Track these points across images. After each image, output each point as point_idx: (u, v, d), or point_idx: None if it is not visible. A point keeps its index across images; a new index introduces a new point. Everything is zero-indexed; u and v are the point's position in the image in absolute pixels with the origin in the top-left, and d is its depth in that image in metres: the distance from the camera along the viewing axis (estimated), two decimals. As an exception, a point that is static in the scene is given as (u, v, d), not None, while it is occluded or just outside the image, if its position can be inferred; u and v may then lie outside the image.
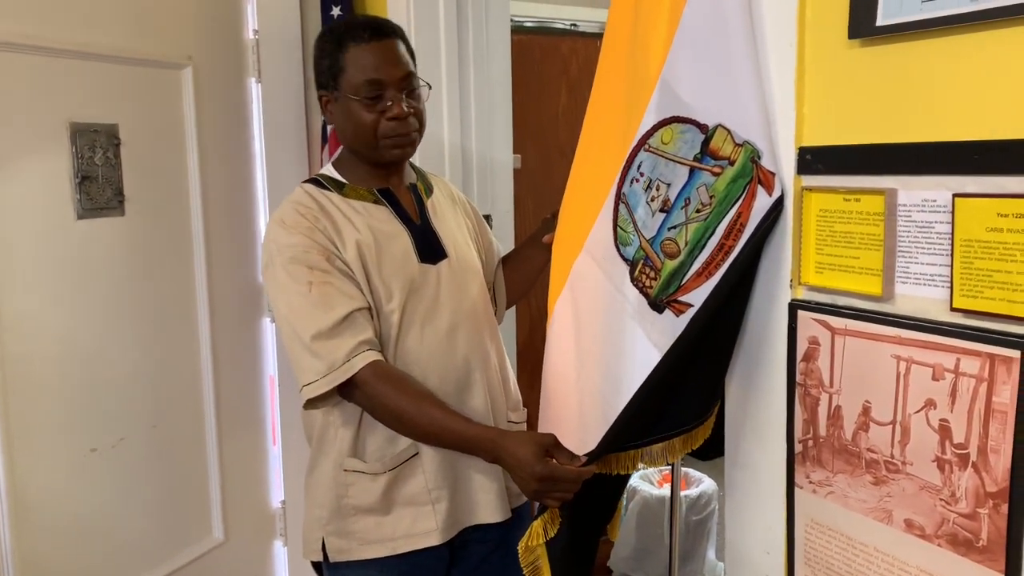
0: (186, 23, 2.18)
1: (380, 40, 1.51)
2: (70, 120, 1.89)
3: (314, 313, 1.41)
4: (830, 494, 1.24)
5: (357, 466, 1.53)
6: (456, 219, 1.69)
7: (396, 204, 1.58)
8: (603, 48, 1.45)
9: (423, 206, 1.62)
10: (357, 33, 1.51)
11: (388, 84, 1.50)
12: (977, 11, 1.00)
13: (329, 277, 1.44)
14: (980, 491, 1.04)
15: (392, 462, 1.52)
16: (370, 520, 1.53)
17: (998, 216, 1.00)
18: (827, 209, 1.21)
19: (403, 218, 1.57)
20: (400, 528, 1.53)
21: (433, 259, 1.56)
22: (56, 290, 1.89)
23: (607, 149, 1.45)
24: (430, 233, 1.59)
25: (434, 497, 1.53)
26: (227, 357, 2.33)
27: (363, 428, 1.52)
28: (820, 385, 1.24)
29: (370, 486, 1.52)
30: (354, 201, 1.55)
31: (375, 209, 1.56)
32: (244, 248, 2.41)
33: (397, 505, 1.53)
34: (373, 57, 1.50)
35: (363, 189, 1.57)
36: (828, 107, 1.20)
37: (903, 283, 1.13)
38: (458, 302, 1.57)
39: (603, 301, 1.46)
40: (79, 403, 1.94)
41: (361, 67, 1.50)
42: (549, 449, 1.36)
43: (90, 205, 1.94)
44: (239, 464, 2.39)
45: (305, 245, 1.46)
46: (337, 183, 1.58)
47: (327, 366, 1.40)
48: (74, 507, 1.94)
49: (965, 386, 1.05)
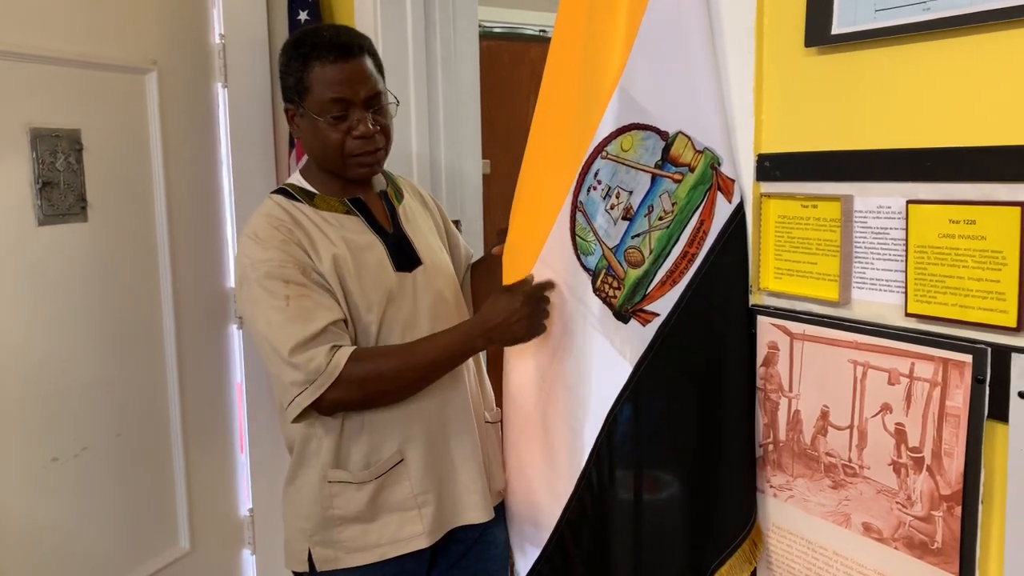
0: (151, 27, 2.16)
1: (346, 60, 1.49)
2: (30, 125, 1.86)
3: (292, 327, 1.39)
4: (790, 498, 1.25)
5: (342, 476, 1.52)
6: (428, 223, 1.69)
7: (368, 214, 1.57)
8: (550, 55, 1.44)
9: (395, 213, 1.62)
10: (322, 52, 1.49)
11: (354, 104, 1.50)
12: (930, 20, 1.01)
13: (306, 291, 1.43)
14: (935, 494, 1.06)
15: (377, 470, 1.52)
16: (356, 528, 1.53)
17: (950, 222, 1.02)
18: (785, 215, 1.22)
19: (376, 228, 1.56)
20: (386, 534, 1.53)
21: (408, 267, 1.56)
22: (17, 297, 1.86)
23: (559, 157, 1.44)
24: (404, 241, 1.59)
25: (420, 502, 1.53)
26: (193, 365, 2.31)
27: (345, 438, 1.51)
28: (780, 390, 1.25)
29: (355, 495, 1.51)
30: (325, 212, 1.54)
31: (347, 220, 1.55)
32: (210, 255, 2.38)
33: (383, 512, 1.53)
34: (338, 77, 1.49)
35: (334, 200, 1.56)
36: (786, 114, 1.21)
37: (859, 288, 1.14)
38: (435, 308, 1.58)
39: (563, 312, 1.46)
40: (40, 412, 1.91)
41: (326, 86, 1.49)
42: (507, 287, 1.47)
43: (52, 211, 1.91)
44: (206, 472, 2.37)
45: (280, 259, 1.44)
46: (307, 193, 1.56)
47: (308, 375, 1.38)
48: (35, 517, 1.91)
49: (919, 390, 1.06)
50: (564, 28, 1.41)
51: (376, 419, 1.51)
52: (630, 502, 1.39)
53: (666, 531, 1.36)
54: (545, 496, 1.51)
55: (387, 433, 1.52)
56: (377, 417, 1.51)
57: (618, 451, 1.40)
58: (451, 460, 1.57)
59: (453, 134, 2.34)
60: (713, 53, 1.26)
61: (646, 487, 1.38)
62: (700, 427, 1.31)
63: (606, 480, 1.42)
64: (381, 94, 1.53)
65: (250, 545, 2.51)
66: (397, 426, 1.52)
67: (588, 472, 1.43)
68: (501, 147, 2.93)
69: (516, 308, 1.42)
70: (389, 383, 1.45)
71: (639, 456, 1.38)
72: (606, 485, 1.42)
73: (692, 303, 1.30)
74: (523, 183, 1.50)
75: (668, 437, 1.35)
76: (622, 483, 1.40)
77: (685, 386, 1.33)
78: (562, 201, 1.43)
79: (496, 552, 1.66)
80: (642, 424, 1.37)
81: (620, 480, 1.40)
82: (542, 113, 1.46)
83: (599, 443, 1.41)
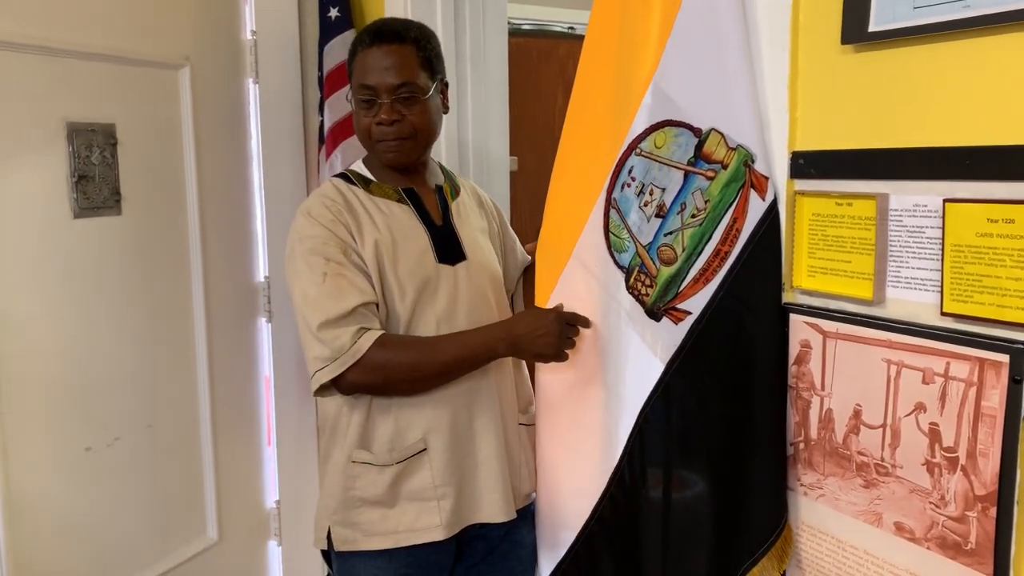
0: (184, 23, 2.18)
1: (380, 46, 1.53)
2: (67, 120, 1.89)
3: (325, 303, 1.44)
4: (821, 497, 1.25)
5: (365, 457, 1.54)
6: (480, 223, 1.72)
7: (419, 204, 1.61)
8: (584, 51, 1.44)
9: (447, 208, 1.65)
10: (363, 38, 1.56)
11: (380, 90, 1.53)
12: (968, 18, 1.01)
13: (343, 270, 1.47)
14: (969, 494, 1.05)
15: (400, 455, 1.54)
16: (375, 512, 1.55)
17: (988, 221, 1.01)
18: (819, 213, 1.22)
19: (424, 219, 1.60)
20: (404, 522, 1.54)
21: (452, 260, 1.58)
22: (52, 289, 1.88)
23: (593, 153, 1.44)
24: (451, 235, 1.61)
25: (440, 494, 1.54)
26: (223, 357, 2.33)
27: (372, 419, 1.54)
28: (812, 388, 1.24)
29: (377, 478, 1.54)
30: (378, 199, 1.59)
31: (398, 208, 1.59)
32: (241, 248, 2.40)
33: (402, 499, 1.55)
34: (369, 63, 1.54)
35: (388, 187, 1.61)
36: (821, 112, 1.21)
37: (894, 287, 1.14)
38: (475, 304, 1.59)
39: (597, 308, 1.46)
40: (74, 402, 1.94)
41: (359, 72, 1.55)
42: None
43: (87, 204, 1.94)
44: (234, 464, 2.39)
45: (324, 237, 1.49)
46: (364, 179, 1.62)
47: (333, 352, 1.42)
48: (68, 506, 1.94)
49: (955, 390, 1.06)
50: (598, 25, 1.41)
51: (404, 405, 1.53)
52: (661, 501, 1.39)
53: (697, 531, 1.35)
54: (575, 494, 1.51)
55: (413, 420, 1.53)
56: (406, 403, 1.53)
57: (650, 449, 1.40)
58: (474, 456, 1.57)
59: (481, 131, 2.35)
60: (748, 49, 1.26)
61: (677, 486, 1.38)
62: (732, 426, 1.31)
63: (638, 478, 1.42)
64: (411, 84, 1.54)
65: (276, 536, 2.54)
66: (424, 414, 1.53)
67: (621, 469, 1.43)
68: (529, 144, 2.93)
69: (545, 324, 1.45)
70: (407, 373, 1.47)
71: (670, 454, 1.38)
72: (638, 483, 1.42)
73: (725, 302, 1.30)
74: (556, 180, 1.51)
75: (700, 436, 1.35)
76: (654, 481, 1.40)
77: (717, 385, 1.33)
78: (596, 198, 1.44)
79: (523, 553, 1.67)
80: (674, 422, 1.37)
81: (652, 478, 1.40)
82: (575, 110, 1.46)
83: (632, 440, 1.41)
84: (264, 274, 2.45)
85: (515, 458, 1.64)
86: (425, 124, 1.58)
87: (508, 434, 1.62)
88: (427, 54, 1.58)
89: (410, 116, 1.55)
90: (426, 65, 1.57)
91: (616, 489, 1.44)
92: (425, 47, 1.58)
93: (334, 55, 2.36)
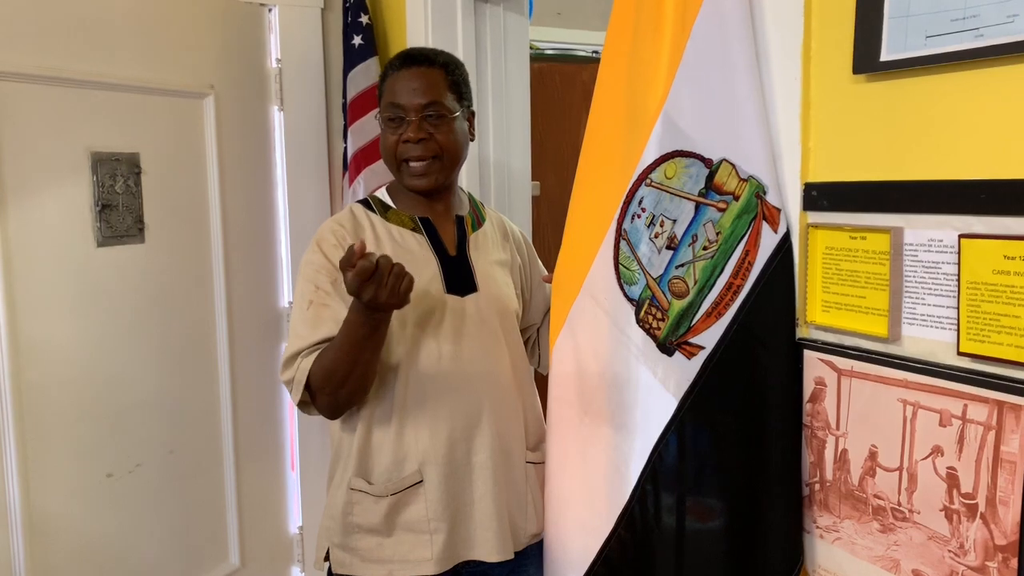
0: (208, 52, 2.21)
1: (409, 68, 1.56)
2: (91, 149, 1.92)
3: (301, 330, 1.49)
4: (837, 540, 1.20)
5: (362, 486, 1.54)
6: (501, 255, 1.69)
7: (433, 234, 1.60)
8: (598, 80, 1.42)
9: (464, 238, 1.63)
10: (394, 62, 1.59)
11: (407, 109, 1.54)
12: (981, 47, 0.97)
13: (328, 300, 1.49)
14: (989, 543, 1.00)
15: (395, 487, 1.53)
16: (373, 540, 1.55)
17: (1005, 258, 0.97)
18: (833, 247, 1.18)
19: (437, 248, 1.59)
20: (399, 552, 1.54)
21: (461, 291, 1.57)
22: (75, 316, 1.91)
23: (604, 184, 1.42)
24: (464, 266, 1.60)
25: (432, 527, 1.52)
26: (246, 383, 2.34)
27: (371, 448, 1.54)
28: (827, 427, 1.20)
29: (373, 507, 1.54)
30: (393, 226, 1.59)
31: (411, 236, 1.59)
32: (264, 275, 2.42)
33: (398, 529, 1.54)
34: (398, 83, 1.56)
35: (405, 216, 1.61)
36: (834, 142, 1.18)
37: (910, 324, 1.09)
38: (482, 336, 1.57)
39: (606, 343, 1.43)
40: (96, 428, 1.96)
41: (388, 92, 1.58)
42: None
43: (110, 233, 1.97)
44: (257, 490, 2.40)
45: (319, 264, 1.52)
46: (384, 206, 1.63)
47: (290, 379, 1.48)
48: (89, 532, 1.96)
49: (973, 433, 1.01)
50: (611, 53, 1.40)
51: (403, 436, 1.52)
52: (673, 541, 1.35)
53: (710, 573, 1.31)
54: (582, 534, 1.48)
55: (410, 451, 1.52)
56: (404, 434, 1.52)
57: (663, 488, 1.36)
58: (471, 493, 1.54)
59: (503, 155, 2.34)
60: (759, 79, 1.23)
61: (690, 526, 1.34)
62: (746, 465, 1.27)
63: (651, 518, 1.37)
64: (438, 103, 1.55)
65: (299, 563, 2.53)
66: (421, 447, 1.52)
67: (631, 509, 1.39)
68: (551, 169, 2.91)
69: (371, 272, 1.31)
70: (337, 371, 1.43)
71: (683, 494, 1.34)
72: (650, 523, 1.38)
73: (738, 336, 1.26)
74: (572, 210, 1.49)
75: (713, 475, 1.31)
76: (666, 521, 1.36)
77: (731, 422, 1.29)
78: (607, 229, 1.41)
79: None
80: (687, 461, 1.33)
81: (664, 518, 1.36)
82: (590, 139, 1.44)
83: (643, 479, 1.37)
84: (288, 300, 2.46)
85: (521, 496, 1.60)
86: (451, 145, 1.57)
87: (514, 472, 1.59)
88: (455, 78, 1.59)
89: (437, 135, 1.55)
90: (454, 88, 1.58)
91: (624, 530, 1.40)
92: (454, 72, 1.59)
93: (358, 82, 2.37)
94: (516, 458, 1.60)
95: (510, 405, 1.59)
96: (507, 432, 1.58)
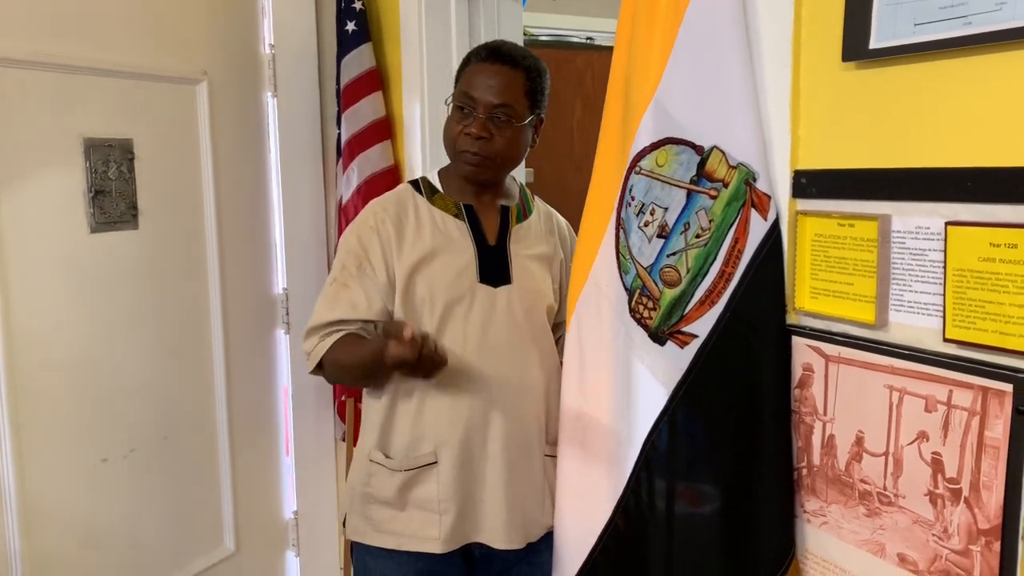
0: (201, 38, 2.20)
1: (492, 63, 1.56)
2: (84, 135, 1.92)
3: (321, 307, 1.58)
4: (824, 524, 1.22)
5: (380, 459, 1.59)
6: (543, 249, 1.69)
7: (475, 222, 1.62)
8: (611, 68, 1.43)
9: (507, 230, 1.64)
10: (480, 52, 1.60)
11: (479, 104, 1.55)
12: (970, 35, 0.97)
13: (349, 282, 1.56)
14: (972, 527, 1.02)
15: (410, 463, 1.56)
16: (386, 512, 1.59)
17: (990, 246, 0.97)
18: (821, 234, 1.19)
19: (477, 237, 1.61)
20: (409, 527, 1.58)
21: (494, 282, 1.59)
22: (69, 303, 1.91)
23: (609, 171, 1.42)
24: (501, 256, 1.61)
25: (443, 508, 1.55)
26: (240, 369, 2.35)
27: (392, 424, 1.59)
28: (814, 413, 1.21)
29: (388, 480, 1.58)
30: (437, 210, 1.61)
31: (452, 222, 1.61)
32: (259, 261, 2.42)
33: (410, 505, 1.58)
34: (476, 75, 1.57)
35: (450, 201, 1.63)
36: (823, 130, 1.18)
37: (897, 311, 1.10)
38: (509, 328, 1.59)
39: (608, 332, 1.43)
40: (90, 414, 1.97)
41: (466, 80, 1.58)
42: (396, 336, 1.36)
43: (103, 219, 1.97)
44: (251, 475, 2.41)
45: (350, 246, 1.58)
46: (432, 189, 1.65)
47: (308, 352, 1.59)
48: (84, 517, 1.97)
49: (958, 419, 1.02)
50: (618, 39, 1.40)
51: (423, 416, 1.56)
52: (667, 530, 1.36)
53: (703, 563, 1.32)
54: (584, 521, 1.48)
55: (427, 431, 1.56)
56: (425, 414, 1.56)
57: (656, 477, 1.36)
58: (482, 478, 1.57)
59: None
60: (750, 65, 1.23)
61: (684, 515, 1.34)
62: (739, 453, 1.28)
63: (645, 508, 1.38)
64: (509, 107, 1.55)
65: (294, 547, 2.55)
66: (439, 428, 1.55)
67: (627, 497, 1.40)
68: (546, 156, 2.91)
69: (410, 360, 1.36)
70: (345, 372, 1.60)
71: (677, 482, 1.35)
72: (644, 513, 1.38)
73: (730, 324, 1.26)
74: (587, 200, 1.49)
75: (707, 463, 1.31)
76: (660, 510, 1.36)
77: (724, 410, 1.29)
78: (609, 217, 1.41)
79: None
80: (680, 450, 1.33)
81: (658, 507, 1.36)
82: (602, 127, 1.45)
83: (636, 470, 1.38)
84: (282, 286, 2.46)
85: (538, 489, 1.61)
86: (510, 151, 1.59)
87: (531, 464, 1.60)
88: (534, 85, 1.59)
89: (499, 137, 1.56)
90: (530, 95, 1.58)
91: (621, 519, 1.41)
92: (534, 78, 1.59)
93: (351, 68, 2.36)
94: (534, 451, 1.61)
95: (532, 398, 1.61)
96: (526, 424, 1.59)
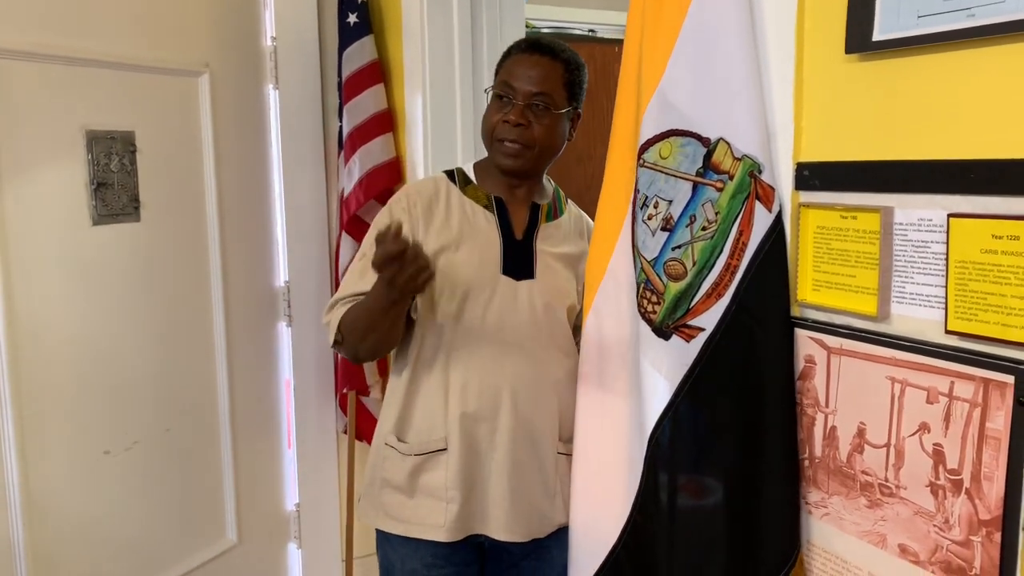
0: (203, 30, 2.20)
1: (531, 54, 1.59)
2: (86, 127, 1.92)
3: (348, 280, 1.62)
4: (825, 515, 1.22)
5: (393, 442, 1.61)
6: (569, 248, 1.69)
7: (504, 215, 1.63)
8: (622, 61, 1.43)
9: (535, 226, 1.65)
10: (520, 43, 1.64)
11: (518, 92, 1.57)
12: (973, 27, 0.97)
13: None
14: (973, 518, 1.02)
15: (420, 448, 1.58)
16: (397, 497, 1.61)
17: (992, 238, 0.98)
18: (824, 226, 1.19)
19: (504, 229, 1.62)
20: (417, 515, 1.59)
21: (517, 275, 1.60)
22: (72, 294, 1.92)
23: (623, 163, 1.42)
24: (527, 251, 1.63)
25: (449, 496, 1.57)
26: (243, 361, 2.35)
27: (407, 409, 1.61)
28: (816, 404, 1.22)
29: (399, 464, 1.60)
30: (468, 200, 1.63)
31: (481, 213, 1.62)
32: (260, 253, 2.43)
33: (419, 492, 1.60)
34: (517, 65, 1.59)
35: (481, 192, 1.65)
36: (826, 122, 1.18)
37: (899, 303, 1.11)
38: (526, 323, 1.59)
39: (626, 326, 1.43)
40: (93, 406, 1.98)
41: (505, 71, 1.61)
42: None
43: (106, 211, 1.97)
44: (253, 467, 2.42)
45: (381, 225, 1.58)
46: (466, 179, 1.67)
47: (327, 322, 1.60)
48: (87, 509, 1.98)
49: (959, 411, 1.02)
50: (630, 33, 1.39)
51: (434, 402, 1.58)
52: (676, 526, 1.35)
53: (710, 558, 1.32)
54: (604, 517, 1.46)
55: (439, 420, 1.58)
56: (436, 401, 1.58)
57: (664, 472, 1.35)
58: (488, 471, 1.58)
59: (499, 135, 2.34)
60: (754, 56, 1.23)
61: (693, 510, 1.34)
62: (746, 447, 1.27)
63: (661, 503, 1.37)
64: (548, 96, 1.57)
65: (296, 539, 2.56)
66: (449, 417, 1.57)
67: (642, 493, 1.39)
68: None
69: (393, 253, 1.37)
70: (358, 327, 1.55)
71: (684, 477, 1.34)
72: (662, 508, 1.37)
73: (737, 317, 1.26)
74: (601, 193, 1.49)
75: (713, 457, 1.31)
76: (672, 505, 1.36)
77: (730, 403, 1.29)
78: (626, 210, 1.41)
79: (553, 574, 1.65)
80: (686, 444, 1.32)
81: (666, 502, 1.35)
82: (615, 119, 1.44)
83: (646, 466, 1.37)
84: (284, 279, 2.46)
85: (549, 486, 1.61)
86: (548, 139, 1.60)
87: (541, 461, 1.60)
88: (572, 78, 1.61)
89: (536, 125, 1.57)
90: (568, 87, 1.60)
91: (639, 515, 1.40)
92: (573, 71, 1.61)
93: (353, 60, 2.37)
94: (545, 447, 1.61)
95: (546, 394, 1.61)
96: (537, 420, 1.60)
